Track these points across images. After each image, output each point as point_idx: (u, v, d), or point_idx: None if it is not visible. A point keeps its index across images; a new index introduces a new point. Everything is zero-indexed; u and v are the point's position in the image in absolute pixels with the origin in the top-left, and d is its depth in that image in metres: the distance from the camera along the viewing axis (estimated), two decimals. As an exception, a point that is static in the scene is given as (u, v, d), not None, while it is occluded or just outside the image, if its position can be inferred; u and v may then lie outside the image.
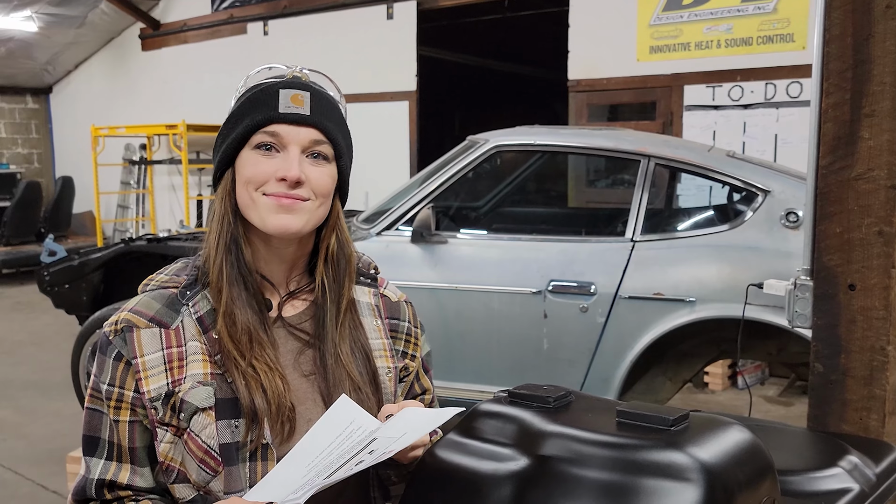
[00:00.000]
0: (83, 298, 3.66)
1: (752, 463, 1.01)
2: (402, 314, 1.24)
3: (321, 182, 1.08)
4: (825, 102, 1.67)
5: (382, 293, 1.24)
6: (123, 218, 9.75)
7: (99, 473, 1.05)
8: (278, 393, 1.05)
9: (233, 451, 1.04)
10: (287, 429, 1.07)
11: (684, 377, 3.14)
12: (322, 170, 1.09)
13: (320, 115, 1.08)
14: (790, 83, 5.55)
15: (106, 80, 10.10)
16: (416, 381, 1.25)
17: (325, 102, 1.11)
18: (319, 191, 1.08)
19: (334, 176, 1.11)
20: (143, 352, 1.05)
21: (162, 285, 1.11)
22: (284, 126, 1.07)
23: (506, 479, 1.04)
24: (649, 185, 2.96)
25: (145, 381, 1.04)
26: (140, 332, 1.06)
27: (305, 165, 1.07)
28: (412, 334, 1.25)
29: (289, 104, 1.07)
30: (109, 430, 1.06)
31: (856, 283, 1.65)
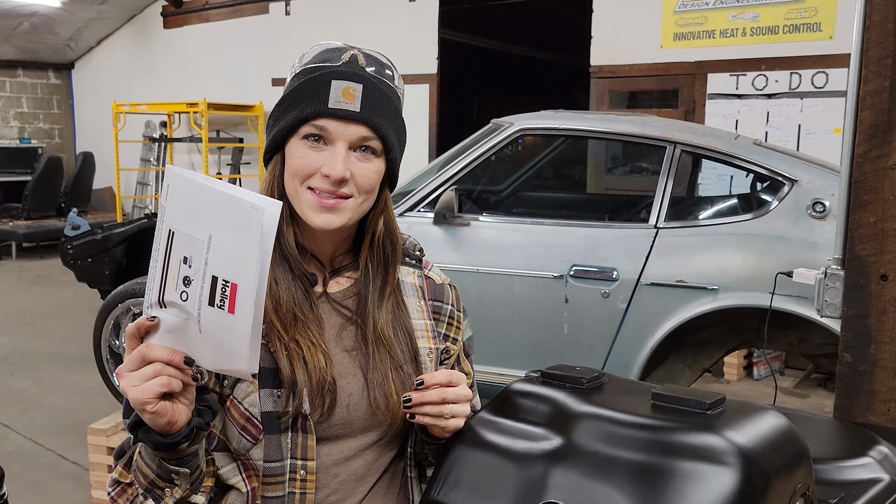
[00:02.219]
0: (106, 272, 3.69)
1: (788, 449, 1.01)
2: (445, 297, 1.24)
3: (366, 179, 1.07)
4: (863, 90, 1.65)
5: (427, 275, 1.24)
6: (143, 195, 9.80)
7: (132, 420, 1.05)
8: (320, 368, 1.06)
9: (273, 419, 1.04)
10: (328, 402, 1.07)
11: (703, 366, 3.13)
12: (368, 165, 1.07)
13: (370, 111, 1.05)
14: (816, 73, 5.49)
15: (128, 56, 10.12)
16: (456, 364, 1.25)
17: (378, 94, 1.07)
18: (363, 188, 1.07)
19: (381, 170, 1.09)
20: None
21: None
22: (333, 122, 1.04)
23: (539, 458, 1.04)
24: (674, 172, 2.94)
25: None
26: None
27: (352, 161, 1.06)
28: (455, 317, 1.25)
29: (339, 98, 1.04)
30: None
31: (888, 273, 1.63)
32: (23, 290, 7.34)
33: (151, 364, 0.88)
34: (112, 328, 3.42)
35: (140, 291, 3.30)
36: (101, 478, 3.28)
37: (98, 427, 3.28)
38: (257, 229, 0.84)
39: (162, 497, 0.98)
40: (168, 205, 0.88)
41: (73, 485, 3.43)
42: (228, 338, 0.88)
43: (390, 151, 1.09)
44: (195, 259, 0.87)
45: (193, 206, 0.86)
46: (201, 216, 0.86)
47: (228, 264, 0.86)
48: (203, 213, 0.86)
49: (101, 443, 3.27)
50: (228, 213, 0.85)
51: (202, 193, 0.86)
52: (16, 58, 10.40)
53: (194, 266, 0.87)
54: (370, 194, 1.09)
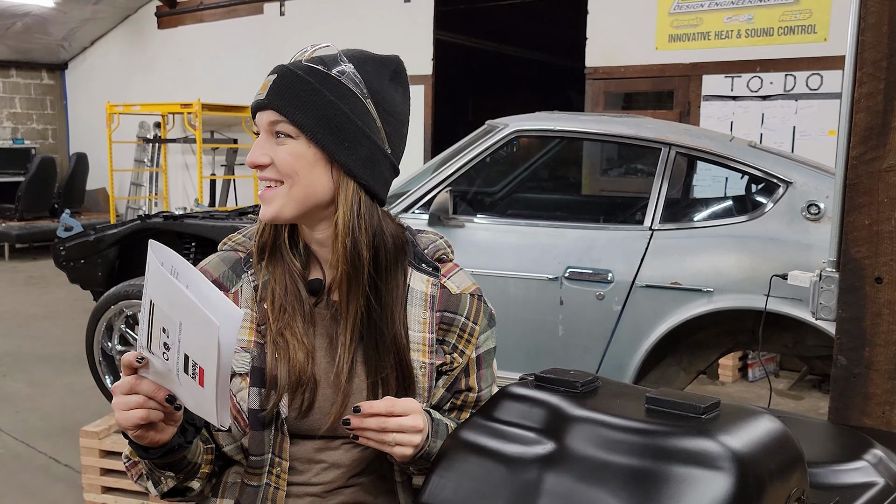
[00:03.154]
0: (98, 274, 3.67)
1: (783, 453, 1.00)
2: (460, 308, 1.19)
3: (282, 160, 1.08)
4: (858, 92, 1.64)
5: (443, 284, 1.19)
6: (137, 196, 9.78)
7: None
8: (299, 366, 1.10)
9: (256, 416, 1.10)
10: (305, 403, 1.11)
11: (698, 368, 3.13)
12: (284, 148, 1.08)
13: (275, 97, 1.08)
14: (810, 75, 5.50)
15: (122, 57, 10.10)
16: (463, 376, 1.21)
17: (291, 81, 1.08)
18: (283, 169, 1.08)
19: (303, 153, 1.08)
20: None
21: (234, 247, 1.19)
22: (258, 114, 1.11)
23: (532, 463, 1.03)
24: (669, 174, 2.94)
25: None
26: None
27: (270, 146, 1.10)
28: (467, 330, 1.20)
29: (259, 92, 1.10)
30: None
31: (883, 275, 1.63)
32: (16, 291, 7.31)
33: (136, 396, 0.94)
34: (105, 330, 3.40)
35: (133, 293, 3.28)
36: (94, 480, 3.26)
37: (90, 429, 3.26)
38: (212, 340, 0.87)
39: (158, 483, 1.09)
40: (149, 279, 0.92)
41: (65, 487, 3.41)
42: (201, 398, 0.93)
43: (307, 132, 1.07)
44: (171, 334, 0.92)
45: (168, 293, 0.90)
46: (174, 305, 0.90)
47: (196, 351, 0.90)
48: (176, 302, 0.89)
49: (94, 445, 3.25)
50: (193, 314, 0.88)
51: (171, 287, 0.89)
52: (9, 58, 10.36)
53: (171, 339, 0.92)
54: (293, 178, 1.08)
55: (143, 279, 0.94)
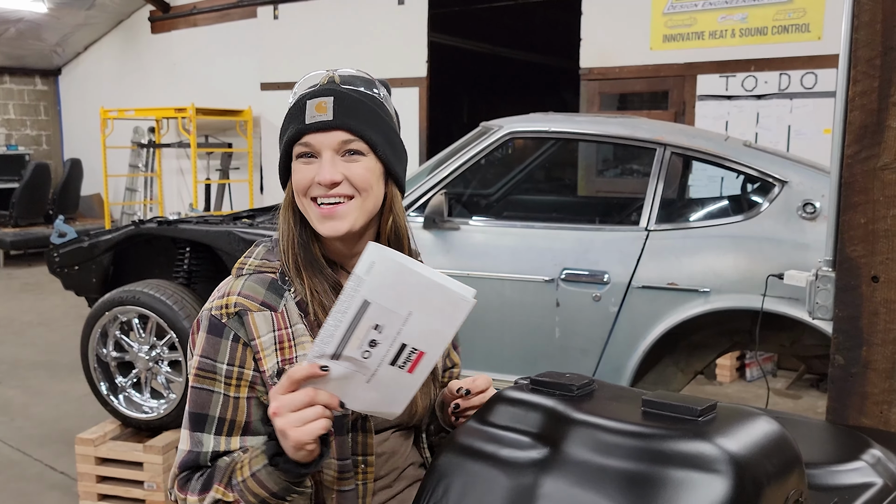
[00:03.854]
0: (93, 280, 3.65)
1: (780, 455, 0.99)
2: None
3: (358, 177, 1.16)
4: (852, 90, 1.64)
5: None
6: (131, 201, 9.75)
7: (213, 446, 1.14)
8: None
9: (340, 422, 1.15)
10: None
11: (696, 368, 3.12)
12: (358, 165, 1.16)
13: (343, 117, 1.15)
14: (805, 74, 5.50)
15: (115, 62, 10.08)
16: (447, 356, 1.38)
17: (350, 102, 1.17)
18: (359, 185, 1.16)
19: (373, 168, 1.18)
20: (259, 333, 1.15)
21: (258, 270, 1.21)
22: (314, 135, 1.15)
23: (528, 467, 1.03)
24: (665, 174, 2.93)
25: (264, 361, 1.15)
26: (254, 315, 1.15)
27: (341, 165, 1.16)
28: None
29: (314, 114, 1.15)
30: (222, 406, 1.15)
31: (879, 274, 1.62)
32: (10, 298, 7.28)
33: (315, 407, 0.99)
34: (99, 336, 3.38)
35: (128, 299, 3.27)
36: (90, 488, 3.24)
37: (86, 437, 3.24)
38: (462, 315, 0.99)
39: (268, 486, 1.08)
40: (369, 279, 0.96)
41: (60, 495, 3.39)
42: (396, 390, 1.04)
43: (377, 149, 1.17)
44: (388, 328, 0.98)
45: (399, 286, 0.96)
46: (406, 295, 0.97)
47: (421, 336, 0.99)
48: (409, 293, 0.97)
49: (89, 452, 3.24)
50: (436, 298, 0.97)
51: (411, 278, 0.97)
52: (2, 64, 10.33)
53: (385, 333, 0.98)
54: (369, 191, 1.17)
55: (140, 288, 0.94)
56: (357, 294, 0.96)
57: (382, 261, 0.96)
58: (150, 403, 3.39)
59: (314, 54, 7.56)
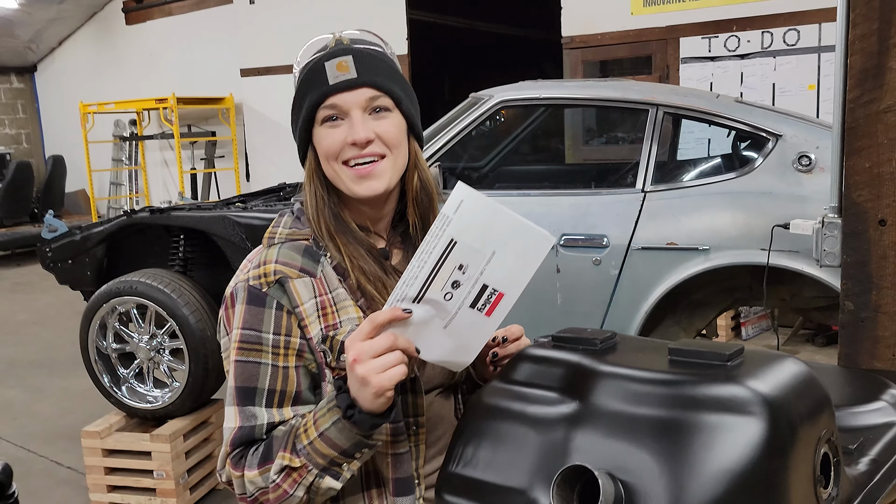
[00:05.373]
0: (87, 273, 3.61)
1: (811, 396, 0.99)
2: None
3: (389, 133, 1.15)
4: (851, 34, 1.63)
5: None
6: (117, 195, 9.66)
7: (268, 419, 1.11)
8: None
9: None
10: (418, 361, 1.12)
11: (697, 327, 3.14)
12: (387, 121, 1.15)
13: (368, 73, 1.13)
14: (787, 31, 5.49)
15: (91, 55, 9.94)
16: None
17: (370, 59, 1.15)
18: (390, 142, 1.15)
19: (400, 123, 1.17)
20: (302, 300, 1.13)
21: (290, 238, 1.19)
22: (339, 95, 1.13)
23: (558, 423, 1.02)
24: (658, 135, 2.92)
25: (309, 328, 1.13)
26: (294, 281, 1.13)
27: (370, 123, 1.14)
28: None
29: (336, 74, 1.13)
30: (271, 377, 1.12)
31: (886, 217, 1.62)
32: (2, 299, 7.22)
33: (395, 353, 0.99)
34: (98, 329, 3.35)
35: (125, 290, 3.24)
36: (99, 480, 3.23)
37: (92, 430, 3.23)
38: (542, 254, 1.00)
39: (340, 472, 1.06)
40: (456, 217, 0.96)
41: (70, 490, 3.38)
42: (470, 336, 1.05)
43: (401, 104, 1.17)
44: (471, 268, 0.98)
45: (485, 225, 0.97)
46: (491, 234, 0.97)
47: (503, 277, 1.00)
48: (494, 232, 0.97)
49: (96, 445, 3.22)
50: (519, 236, 0.98)
51: (498, 216, 0.97)
52: (-24, 63, 10.18)
53: (468, 273, 0.99)
54: (399, 148, 1.16)
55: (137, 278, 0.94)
56: (444, 233, 0.96)
57: (471, 199, 0.95)
58: (154, 393, 3.38)
59: (293, 37, 7.47)
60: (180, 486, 3.17)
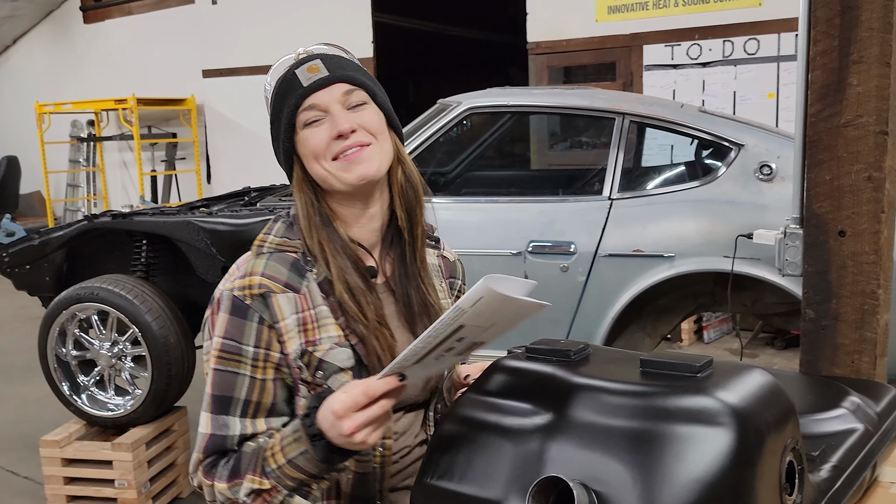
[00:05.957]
0: (46, 279, 3.53)
1: (777, 405, 1.02)
2: (457, 273, 1.38)
3: (372, 122, 1.18)
4: (813, 50, 1.68)
5: (443, 254, 1.36)
6: (74, 197, 9.48)
7: (240, 430, 1.13)
8: (389, 346, 1.17)
9: None
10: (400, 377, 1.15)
11: (662, 332, 3.19)
12: (366, 112, 1.18)
13: (338, 70, 1.18)
14: (747, 40, 5.61)
15: (48, 54, 9.73)
16: None
17: (337, 59, 1.20)
18: (373, 129, 1.17)
19: (379, 115, 1.20)
20: (283, 315, 1.14)
21: (280, 248, 1.19)
22: (316, 94, 1.16)
23: (533, 434, 1.03)
24: (624, 143, 2.96)
25: (288, 343, 1.14)
26: (278, 297, 1.14)
27: (350, 116, 1.16)
28: (462, 291, 1.39)
29: (308, 76, 1.16)
30: (248, 388, 1.14)
31: (846, 229, 1.67)
32: (-46, 304, 7.03)
33: (381, 403, 1.01)
34: (58, 336, 3.28)
35: (85, 296, 3.18)
36: (58, 491, 3.17)
37: (51, 438, 3.16)
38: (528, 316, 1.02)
39: (310, 492, 1.10)
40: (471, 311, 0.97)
41: (27, 500, 3.31)
42: (443, 366, 1.15)
43: (376, 97, 1.20)
44: (468, 338, 1.02)
45: (496, 312, 0.99)
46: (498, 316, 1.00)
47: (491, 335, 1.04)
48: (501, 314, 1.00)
49: (55, 454, 3.16)
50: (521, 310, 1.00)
51: (510, 303, 0.98)
52: (-73, 61, 9.89)
53: (464, 341, 1.03)
54: (382, 135, 1.19)
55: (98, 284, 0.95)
56: (455, 322, 0.98)
57: (490, 296, 0.96)
58: (116, 401, 3.32)
59: (256, 39, 7.41)
60: (142, 495, 3.12)
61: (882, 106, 1.61)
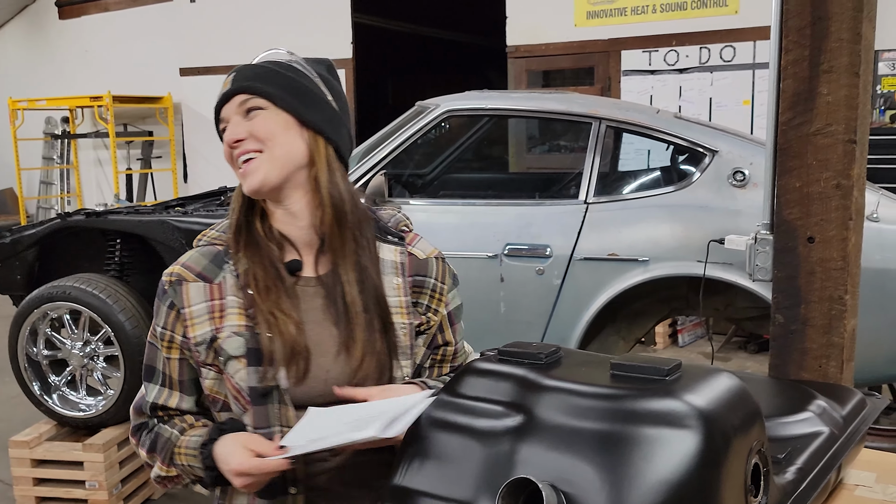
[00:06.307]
0: (17, 277, 3.49)
1: (743, 408, 1.03)
2: (429, 270, 1.32)
3: (260, 129, 1.20)
4: (784, 59, 1.70)
5: (410, 251, 1.31)
6: (47, 195, 9.36)
7: (154, 397, 1.26)
8: (291, 338, 1.19)
9: (258, 393, 1.20)
10: (301, 372, 1.20)
11: (636, 336, 3.21)
12: (258, 119, 1.21)
13: (239, 81, 1.23)
14: (724, 47, 5.68)
15: (22, 50, 9.60)
16: (439, 333, 1.33)
17: (249, 70, 1.24)
18: (262, 136, 1.20)
19: (273, 118, 1.21)
20: (190, 303, 1.22)
21: (212, 241, 1.28)
22: (224, 108, 1.24)
23: (504, 435, 1.04)
24: (601, 148, 2.99)
25: (192, 328, 1.21)
26: (189, 285, 1.23)
27: (245, 124, 1.21)
28: (437, 290, 1.32)
29: (219, 92, 1.25)
30: (163, 363, 1.26)
31: (815, 235, 1.70)
32: (-78, 302, 6.90)
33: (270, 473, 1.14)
34: (29, 335, 3.25)
35: (57, 295, 3.15)
36: (27, 492, 3.13)
37: (20, 439, 3.13)
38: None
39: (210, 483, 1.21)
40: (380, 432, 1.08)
41: (-4, 502, 3.26)
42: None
43: (276, 100, 1.21)
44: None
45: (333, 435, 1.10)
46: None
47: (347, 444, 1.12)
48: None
49: (25, 455, 3.12)
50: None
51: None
52: None
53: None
54: (273, 141, 1.20)
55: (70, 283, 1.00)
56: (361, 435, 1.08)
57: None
58: (87, 401, 3.29)
59: (234, 38, 7.37)
60: (113, 496, 3.09)
61: (851, 115, 1.63)
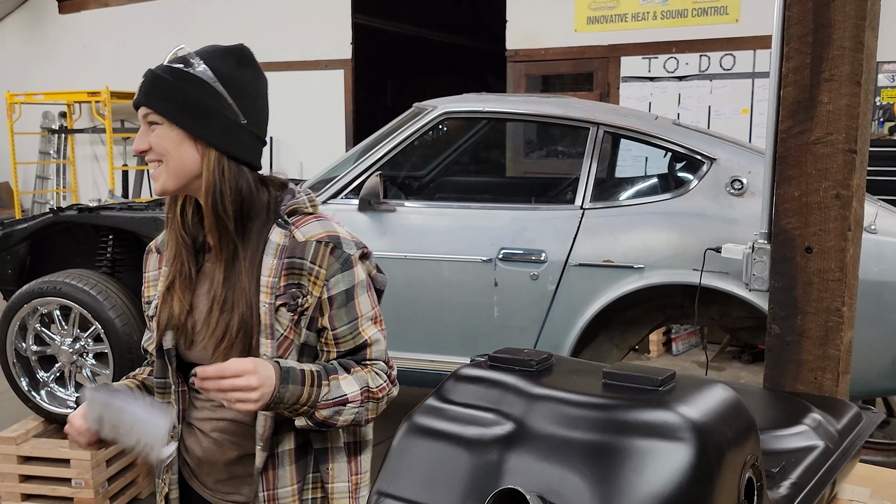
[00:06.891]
0: (8, 271, 3.46)
1: (738, 421, 1.01)
2: (305, 253, 1.39)
3: (155, 143, 1.36)
4: (785, 67, 1.68)
5: (292, 234, 1.40)
6: (43, 189, 9.31)
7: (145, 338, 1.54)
8: (175, 315, 1.42)
9: (158, 349, 1.46)
10: (187, 341, 1.43)
11: (630, 343, 3.19)
12: (155, 133, 1.36)
13: (142, 96, 1.36)
14: (723, 55, 5.67)
15: (21, 44, 9.56)
16: (319, 316, 1.41)
17: (153, 80, 1.36)
18: (157, 150, 1.36)
19: (166, 134, 1.36)
20: (148, 269, 1.54)
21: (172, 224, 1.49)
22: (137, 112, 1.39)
23: (492, 444, 1.01)
24: (598, 153, 2.97)
25: (147, 289, 1.53)
26: (152, 255, 1.54)
27: (147, 135, 1.37)
28: (313, 273, 1.39)
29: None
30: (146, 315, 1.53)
31: (813, 245, 1.68)
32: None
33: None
34: (18, 330, 3.21)
35: (48, 290, 3.11)
36: (12, 489, 3.10)
37: (7, 435, 3.09)
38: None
39: None
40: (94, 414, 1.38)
41: (-20, 498, 3.22)
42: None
43: (168, 117, 1.35)
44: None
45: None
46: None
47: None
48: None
49: (11, 451, 3.09)
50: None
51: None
52: None
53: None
54: (167, 156, 1.36)
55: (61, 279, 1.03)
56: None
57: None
58: (76, 397, 3.25)
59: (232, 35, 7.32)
60: (100, 495, 3.06)
61: (851, 124, 1.61)
